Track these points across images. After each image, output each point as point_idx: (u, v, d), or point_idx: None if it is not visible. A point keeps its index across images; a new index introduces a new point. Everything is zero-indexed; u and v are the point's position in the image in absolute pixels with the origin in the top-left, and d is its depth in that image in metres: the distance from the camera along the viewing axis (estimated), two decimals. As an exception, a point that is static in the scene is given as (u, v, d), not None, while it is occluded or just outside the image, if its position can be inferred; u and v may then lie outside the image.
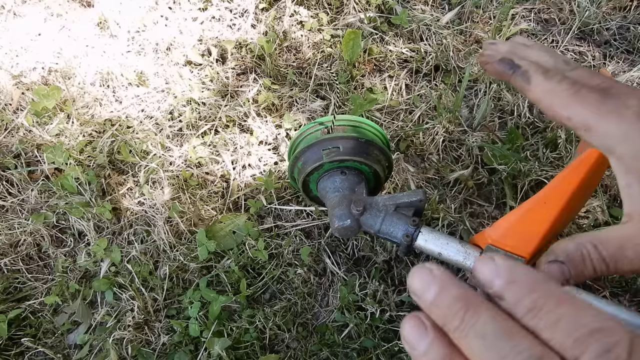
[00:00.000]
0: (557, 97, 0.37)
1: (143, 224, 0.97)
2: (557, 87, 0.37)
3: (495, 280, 0.24)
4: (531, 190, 0.96)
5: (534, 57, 0.43)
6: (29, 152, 1.07)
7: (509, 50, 0.44)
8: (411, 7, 1.28)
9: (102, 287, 0.90)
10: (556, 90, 0.37)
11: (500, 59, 0.42)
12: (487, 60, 0.44)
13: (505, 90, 1.11)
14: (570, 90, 0.36)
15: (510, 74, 0.41)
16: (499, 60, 0.42)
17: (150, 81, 1.16)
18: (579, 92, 0.36)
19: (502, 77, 0.42)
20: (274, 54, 1.18)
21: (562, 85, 0.37)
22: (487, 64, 0.44)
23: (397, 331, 0.84)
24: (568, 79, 0.37)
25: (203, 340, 0.83)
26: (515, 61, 0.41)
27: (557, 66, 0.41)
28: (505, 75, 0.42)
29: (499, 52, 0.44)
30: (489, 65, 0.43)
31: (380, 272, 0.89)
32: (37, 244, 0.98)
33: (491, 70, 0.43)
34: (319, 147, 0.72)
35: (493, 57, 0.43)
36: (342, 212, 0.68)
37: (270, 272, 0.91)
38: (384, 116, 1.10)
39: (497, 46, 0.45)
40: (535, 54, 0.43)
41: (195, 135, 1.08)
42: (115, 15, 1.25)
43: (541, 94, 0.38)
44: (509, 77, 0.41)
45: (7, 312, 0.88)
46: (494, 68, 0.42)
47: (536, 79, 0.39)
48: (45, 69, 1.18)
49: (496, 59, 0.42)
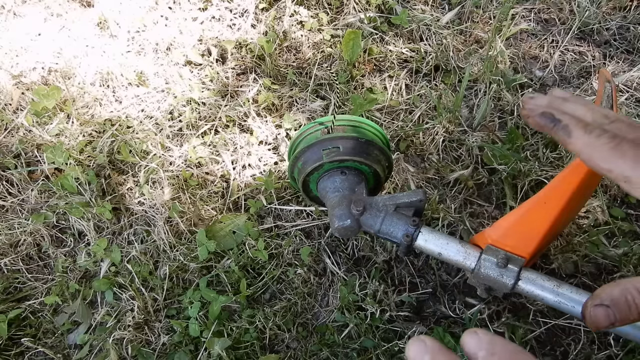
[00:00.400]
0: (597, 151, 0.39)
1: (143, 224, 0.97)
2: (596, 141, 0.39)
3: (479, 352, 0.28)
4: (531, 190, 0.97)
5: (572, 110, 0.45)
6: (29, 152, 1.07)
7: (548, 104, 0.46)
8: (411, 7, 1.28)
9: (102, 287, 0.90)
10: (596, 144, 0.39)
11: (541, 112, 0.44)
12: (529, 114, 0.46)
13: (505, 91, 1.11)
14: (610, 144, 0.38)
15: (551, 127, 0.43)
16: (541, 114, 0.44)
17: (150, 81, 1.16)
18: (619, 145, 0.38)
19: (543, 130, 0.45)
20: (274, 54, 1.18)
21: (601, 139, 0.39)
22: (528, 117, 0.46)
23: (397, 331, 0.84)
24: (607, 132, 0.39)
25: (203, 340, 0.83)
26: (556, 115, 0.43)
27: (596, 119, 0.43)
28: (547, 129, 0.44)
29: (539, 105, 0.46)
30: (530, 118, 0.46)
31: (380, 272, 0.89)
32: (37, 244, 0.98)
33: (533, 123, 0.46)
34: (319, 147, 0.72)
35: (534, 110, 0.45)
36: (342, 212, 0.68)
37: (270, 272, 0.91)
38: (384, 116, 1.10)
39: (536, 100, 0.47)
40: (573, 107, 0.45)
41: (195, 135, 1.08)
42: (115, 15, 1.25)
43: (581, 147, 0.40)
44: (550, 130, 0.44)
45: (7, 312, 0.88)
46: (536, 121, 0.45)
47: (576, 133, 0.41)
48: (45, 69, 1.18)
49: (537, 112, 0.45)
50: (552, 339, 0.84)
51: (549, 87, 1.15)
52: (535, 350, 0.83)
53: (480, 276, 0.62)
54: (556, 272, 0.88)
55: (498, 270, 0.61)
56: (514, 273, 0.60)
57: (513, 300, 0.87)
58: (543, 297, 0.60)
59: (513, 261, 0.61)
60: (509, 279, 0.60)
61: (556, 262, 0.88)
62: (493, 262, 0.61)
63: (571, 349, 0.82)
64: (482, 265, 0.62)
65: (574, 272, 0.89)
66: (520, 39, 1.24)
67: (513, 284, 0.60)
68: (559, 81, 1.16)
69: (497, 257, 0.61)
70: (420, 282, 0.90)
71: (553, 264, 0.88)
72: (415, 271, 0.91)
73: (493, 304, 0.86)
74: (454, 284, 0.89)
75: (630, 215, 0.96)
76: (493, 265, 0.61)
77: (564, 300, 0.59)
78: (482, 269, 0.62)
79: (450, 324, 0.85)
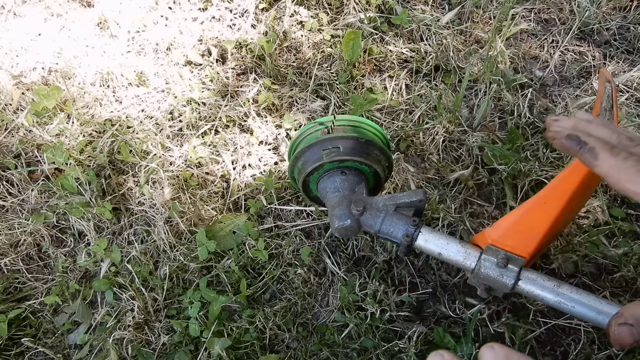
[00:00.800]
0: (624, 173, 0.40)
1: (143, 224, 0.97)
2: (623, 163, 0.40)
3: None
4: (531, 190, 0.96)
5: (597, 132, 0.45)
6: (29, 152, 1.07)
7: (573, 126, 0.47)
8: (411, 7, 1.28)
9: (102, 287, 0.90)
10: (622, 166, 0.40)
11: (567, 135, 0.45)
12: (555, 136, 0.47)
13: (505, 90, 1.11)
14: (637, 166, 0.39)
15: (577, 149, 0.44)
16: (566, 136, 0.45)
17: (150, 81, 1.16)
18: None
19: (569, 152, 0.45)
20: (274, 54, 1.18)
21: (628, 162, 0.40)
22: (554, 139, 0.47)
23: (397, 331, 0.84)
24: (634, 155, 0.40)
25: (203, 340, 0.83)
26: (582, 138, 0.44)
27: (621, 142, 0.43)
28: (573, 151, 0.45)
29: (564, 127, 0.47)
30: (556, 140, 0.47)
31: (381, 272, 0.89)
32: (37, 244, 0.98)
33: (559, 145, 0.46)
34: (319, 147, 0.72)
35: (560, 133, 0.46)
36: (342, 212, 0.68)
37: (270, 272, 0.91)
38: (384, 116, 1.10)
39: (561, 122, 0.48)
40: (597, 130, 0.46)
41: (196, 135, 1.08)
42: (115, 15, 1.25)
43: (608, 170, 0.41)
44: (576, 152, 0.44)
45: (7, 312, 0.88)
46: (562, 143, 0.46)
47: (603, 156, 0.42)
48: (45, 69, 1.18)
49: (563, 135, 0.46)
50: (552, 339, 0.84)
51: (549, 87, 1.15)
52: (535, 350, 0.83)
53: (480, 276, 0.62)
54: (556, 272, 0.88)
55: (498, 270, 0.61)
56: (514, 273, 0.60)
57: (513, 300, 0.87)
58: (543, 297, 0.60)
59: (513, 261, 0.61)
60: (509, 279, 0.60)
61: (556, 262, 0.88)
62: (493, 262, 0.61)
63: (571, 349, 0.82)
64: (482, 265, 0.62)
65: (574, 272, 0.89)
66: (520, 39, 1.24)
67: (513, 284, 0.60)
68: (559, 81, 1.16)
69: (497, 257, 0.61)
70: (420, 282, 0.90)
71: (553, 264, 0.88)
72: (415, 271, 0.91)
73: (493, 304, 0.86)
74: (454, 284, 0.89)
75: (630, 215, 0.96)
76: (493, 265, 0.61)
77: (564, 300, 0.59)
78: (482, 269, 0.62)
79: (450, 324, 0.85)
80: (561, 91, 1.14)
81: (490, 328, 0.83)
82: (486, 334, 0.83)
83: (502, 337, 0.83)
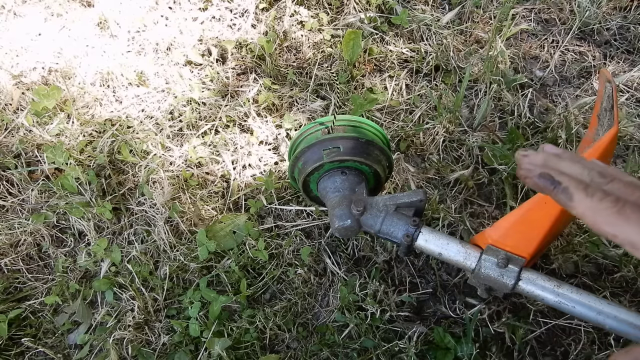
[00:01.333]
0: (601, 215, 0.39)
1: (143, 224, 0.97)
2: (599, 205, 0.39)
3: None
4: (531, 190, 0.96)
5: (569, 170, 0.44)
6: (29, 152, 1.07)
7: (543, 163, 0.46)
8: (411, 7, 1.28)
9: (102, 287, 0.90)
10: (599, 208, 0.39)
11: (539, 174, 0.44)
12: (527, 174, 0.46)
13: (505, 91, 1.11)
14: (613, 208, 0.38)
15: (551, 189, 0.43)
16: (539, 175, 0.44)
17: (150, 81, 1.16)
18: (622, 210, 0.38)
19: (543, 192, 0.45)
20: (274, 54, 1.18)
21: (603, 203, 0.39)
22: (526, 178, 0.46)
23: (397, 331, 0.84)
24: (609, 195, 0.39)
25: (203, 340, 0.83)
26: (555, 177, 0.43)
27: (594, 180, 0.42)
28: (547, 191, 0.44)
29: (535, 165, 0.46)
30: (529, 179, 0.46)
31: (381, 272, 0.89)
32: (37, 244, 0.98)
33: (532, 184, 0.46)
34: (320, 147, 0.72)
35: (531, 171, 0.45)
36: (342, 212, 0.68)
37: (270, 272, 0.91)
38: (384, 116, 1.10)
39: (531, 158, 0.47)
40: (569, 167, 0.45)
41: (196, 135, 1.08)
42: (115, 15, 1.25)
43: (584, 211, 0.40)
44: (550, 192, 0.43)
45: (7, 312, 0.88)
46: (535, 182, 0.45)
47: (578, 196, 0.41)
48: (45, 69, 1.18)
49: (535, 173, 0.45)
50: (553, 339, 0.84)
51: (550, 87, 1.15)
52: (536, 350, 0.83)
53: (480, 276, 0.62)
54: (556, 272, 0.88)
55: (498, 271, 0.61)
56: (515, 273, 0.60)
57: (513, 301, 0.87)
58: (543, 298, 0.60)
59: (513, 261, 0.61)
60: (509, 279, 0.60)
61: (556, 262, 0.88)
62: (493, 262, 0.61)
63: (571, 349, 0.82)
64: (483, 265, 0.62)
65: (575, 272, 0.89)
66: (521, 39, 1.24)
67: (513, 284, 0.60)
68: (560, 81, 1.16)
69: (498, 257, 0.61)
70: (420, 282, 0.90)
71: (553, 264, 0.88)
72: (416, 271, 0.91)
73: (493, 304, 0.86)
74: (454, 284, 0.89)
75: (631, 215, 0.95)
76: (493, 265, 0.61)
77: (565, 300, 0.59)
78: (482, 269, 0.62)
79: (450, 324, 0.85)
80: (561, 91, 1.14)
81: (490, 328, 0.83)
82: (486, 334, 0.83)
83: (502, 337, 0.83)
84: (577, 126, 1.02)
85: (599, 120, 0.74)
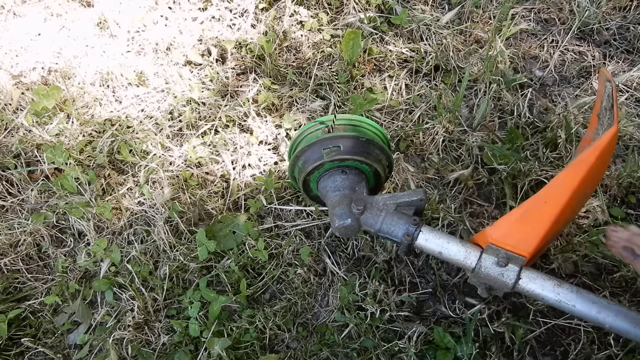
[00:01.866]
0: None
1: (143, 224, 0.97)
2: None
3: None
4: (531, 190, 0.96)
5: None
6: (28, 152, 1.07)
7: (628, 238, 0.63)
8: (411, 7, 1.28)
9: (102, 287, 0.90)
10: None
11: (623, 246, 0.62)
12: (613, 245, 0.64)
13: (505, 90, 1.11)
14: None
15: (632, 259, 0.61)
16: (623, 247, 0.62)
17: (150, 81, 1.16)
18: None
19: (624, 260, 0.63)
20: (274, 54, 1.18)
21: None
22: (612, 247, 0.64)
23: (397, 331, 0.84)
24: None
25: (203, 340, 0.83)
26: (636, 251, 0.61)
27: None
28: (628, 260, 0.62)
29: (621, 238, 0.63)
30: (614, 249, 0.63)
31: (381, 272, 0.89)
32: (37, 244, 0.98)
33: (617, 253, 0.63)
34: (320, 146, 0.72)
35: (617, 243, 0.63)
36: (342, 211, 0.68)
37: (270, 272, 0.91)
38: (384, 116, 1.10)
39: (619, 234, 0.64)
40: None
41: (195, 135, 1.08)
42: (115, 15, 1.25)
43: None
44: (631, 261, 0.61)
45: (7, 312, 0.88)
46: (619, 252, 0.63)
47: None
48: (45, 69, 1.18)
49: (620, 245, 0.63)
50: (552, 338, 0.84)
51: (549, 86, 1.15)
52: (535, 350, 0.83)
53: (480, 275, 0.62)
54: (556, 271, 0.88)
55: (498, 270, 0.61)
56: (515, 272, 0.60)
57: (513, 300, 0.87)
58: (543, 297, 0.60)
59: (513, 260, 0.61)
60: (509, 278, 0.60)
61: (556, 262, 0.88)
62: (493, 261, 0.61)
63: (571, 349, 0.82)
64: (483, 264, 0.62)
65: (574, 272, 0.89)
66: (520, 39, 1.24)
67: (514, 283, 0.60)
68: (559, 81, 1.16)
69: (498, 256, 0.61)
70: (420, 282, 0.90)
71: (553, 263, 0.88)
72: (415, 271, 0.91)
73: (493, 304, 0.86)
74: (454, 283, 0.89)
75: (630, 215, 0.96)
76: (494, 264, 0.61)
77: (564, 299, 0.59)
78: (482, 268, 0.62)
79: (450, 324, 0.85)
80: (561, 91, 1.14)
81: (490, 328, 0.83)
82: (486, 334, 0.83)
83: (502, 336, 0.83)
84: (576, 126, 1.02)
85: (598, 120, 0.75)
